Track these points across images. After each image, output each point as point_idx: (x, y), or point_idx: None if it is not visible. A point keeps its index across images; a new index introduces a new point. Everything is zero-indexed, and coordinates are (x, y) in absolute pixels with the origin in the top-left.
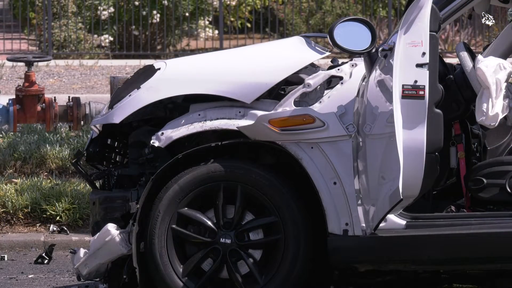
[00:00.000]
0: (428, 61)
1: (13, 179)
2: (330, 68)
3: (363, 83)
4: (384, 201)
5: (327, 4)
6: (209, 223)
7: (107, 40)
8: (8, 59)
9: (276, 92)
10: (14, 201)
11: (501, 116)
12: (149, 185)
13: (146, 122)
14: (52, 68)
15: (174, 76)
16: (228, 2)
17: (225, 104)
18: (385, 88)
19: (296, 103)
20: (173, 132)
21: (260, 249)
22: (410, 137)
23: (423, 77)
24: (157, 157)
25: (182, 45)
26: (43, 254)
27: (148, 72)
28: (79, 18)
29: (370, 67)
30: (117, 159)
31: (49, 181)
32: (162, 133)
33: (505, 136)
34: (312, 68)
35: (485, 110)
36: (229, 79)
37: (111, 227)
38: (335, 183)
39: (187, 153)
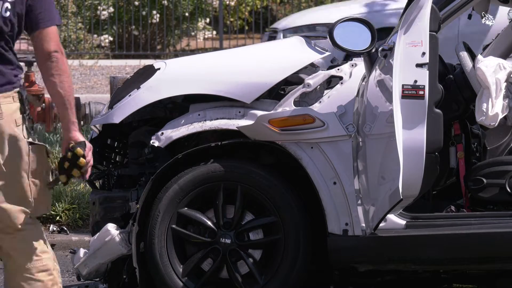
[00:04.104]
0: (428, 61)
1: None
2: (330, 68)
3: (363, 83)
4: (384, 201)
5: (327, 4)
6: (209, 223)
7: (107, 40)
8: None
9: (276, 92)
10: None
11: (501, 116)
12: (149, 185)
13: (146, 122)
14: None
15: (174, 76)
16: (228, 2)
17: (225, 104)
18: (385, 88)
19: (296, 103)
20: (173, 132)
21: (260, 249)
22: (410, 137)
23: (423, 77)
24: (157, 157)
25: (182, 45)
26: None
27: (148, 72)
28: (79, 18)
29: (370, 67)
30: (117, 159)
31: None
32: (162, 133)
33: (505, 136)
34: (312, 68)
35: (485, 110)
36: (229, 79)
37: (111, 227)
38: (335, 183)
39: (187, 153)
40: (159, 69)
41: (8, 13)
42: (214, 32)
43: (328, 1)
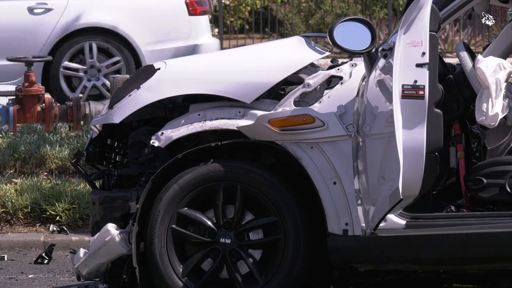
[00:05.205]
0: (428, 61)
1: (13, 179)
2: (330, 68)
3: (363, 83)
4: (384, 201)
5: (326, 4)
6: (209, 223)
7: None
8: (8, 59)
9: (276, 92)
10: (14, 201)
11: (501, 116)
12: (149, 185)
13: (146, 122)
14: None
15: (174, 76)
16: (226, 2)
17: (225, 104)
18: (385, 88)
19: (296, 103)
20: (173, 132)
21: (260, 249)
22: (410, 137)
23: (423, 77)
24: (157, 157)
25: None
26: (43, 254)
27: (148, 72)
28: None
29: (370, 67)
30: (117, 159)
31: (49, 181)
32: (162, 133)
33: (505, 136)
34: (312, 68)
35: (485, 110)
36: (229, 79)
37: (111, 227)
38: (335, 183)
39: (187, 153)
40: (159, 69)
41: None
42: (216, 30)
43: (328, 2)
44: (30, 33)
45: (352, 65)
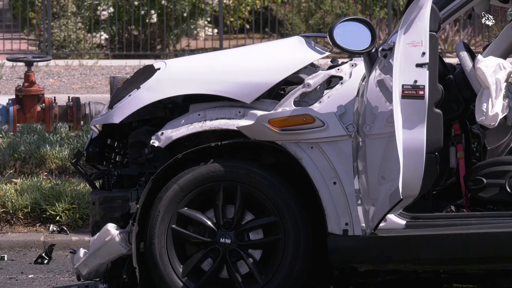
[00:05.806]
0: (428, 61)
1: (13, 179)
2: (330, 68)
3: (363, 83)
4: (384, 201)
5: (326, 4)
6: (209, 223)
7: (102, 37)
8: (8, 59)
9: (276, 92)
10: (14, 201)
11: (501, 116)
12: (149, 185)
13: (146, 122)
14: (52, 68)
15: (174, 76)
16: (226, 2)
17: (225, 104)
18: (385, 88)
19: (296, 103)
20: (173, 132)
21: (260, 249)
22: (410, 137)
23: (423, 77)
24: (157, 157)
25: (182, 45)
26: (43, 254)
27: (148, 72)
28: (79, 18)
29: (370, 67)
30: (117, 159)
31: (49, 181)
32: (162, 133)
33: (505, 136)
34: (312, 68)
35: (485, 110)
36: (229, 79)
37: (111, 227)
38: (335, 183)
39: (187, 153)
40: (159, 69)
41: None
42: (215, 31)
43: (328, 2)
44: None
45: (352, 65)
